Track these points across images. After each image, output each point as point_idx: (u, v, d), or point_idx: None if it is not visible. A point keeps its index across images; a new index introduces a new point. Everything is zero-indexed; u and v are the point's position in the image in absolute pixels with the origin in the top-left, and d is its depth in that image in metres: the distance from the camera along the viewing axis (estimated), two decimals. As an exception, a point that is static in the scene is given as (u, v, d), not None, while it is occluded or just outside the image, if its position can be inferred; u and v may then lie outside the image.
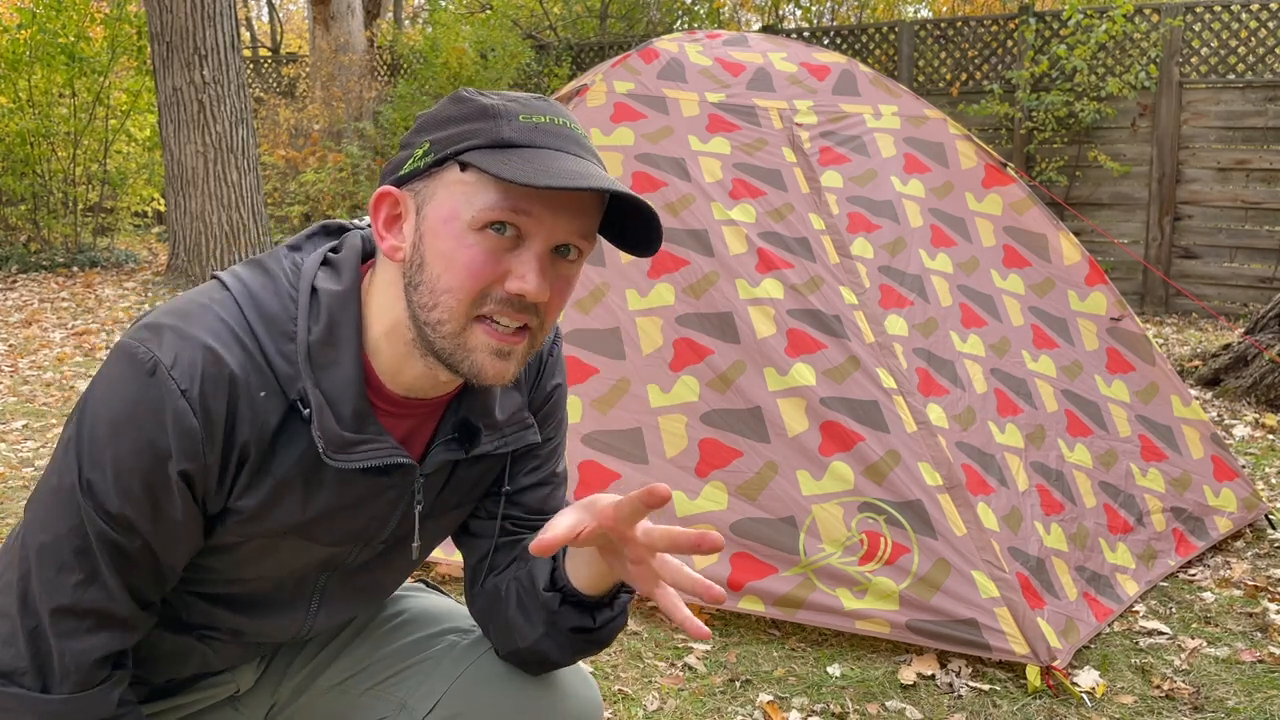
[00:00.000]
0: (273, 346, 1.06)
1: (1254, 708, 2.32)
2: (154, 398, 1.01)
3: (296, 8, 22.66)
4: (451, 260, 1.03)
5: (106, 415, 1.03)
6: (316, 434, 1.07)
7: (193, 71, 7.47)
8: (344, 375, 1.08)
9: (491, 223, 1.02)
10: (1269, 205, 6.82)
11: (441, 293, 1.04)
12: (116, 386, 1.03)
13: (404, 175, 1.07)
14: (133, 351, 1.03)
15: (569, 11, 11.38)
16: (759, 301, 2.82)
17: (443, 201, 1.04)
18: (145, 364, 1.02)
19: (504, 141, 1.02)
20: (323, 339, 1.07)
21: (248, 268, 1.11)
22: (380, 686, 1.36)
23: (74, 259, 8.98)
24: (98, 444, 1.03)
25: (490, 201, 1.01)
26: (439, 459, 1.17)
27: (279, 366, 1.06)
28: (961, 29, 7.98)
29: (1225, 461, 3.27)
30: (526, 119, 1.04)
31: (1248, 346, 4.86)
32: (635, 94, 3.15)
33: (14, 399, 4.93)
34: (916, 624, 2.46)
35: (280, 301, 1.08)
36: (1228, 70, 6.96)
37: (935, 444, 2.63)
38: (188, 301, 1.07)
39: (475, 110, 1.05)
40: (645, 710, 2.32)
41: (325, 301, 1.08)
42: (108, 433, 1.02)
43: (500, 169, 0.99)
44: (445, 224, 1.03)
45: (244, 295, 1.07)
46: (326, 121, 10.70)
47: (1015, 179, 3.47)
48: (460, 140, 1.03)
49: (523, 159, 1.00)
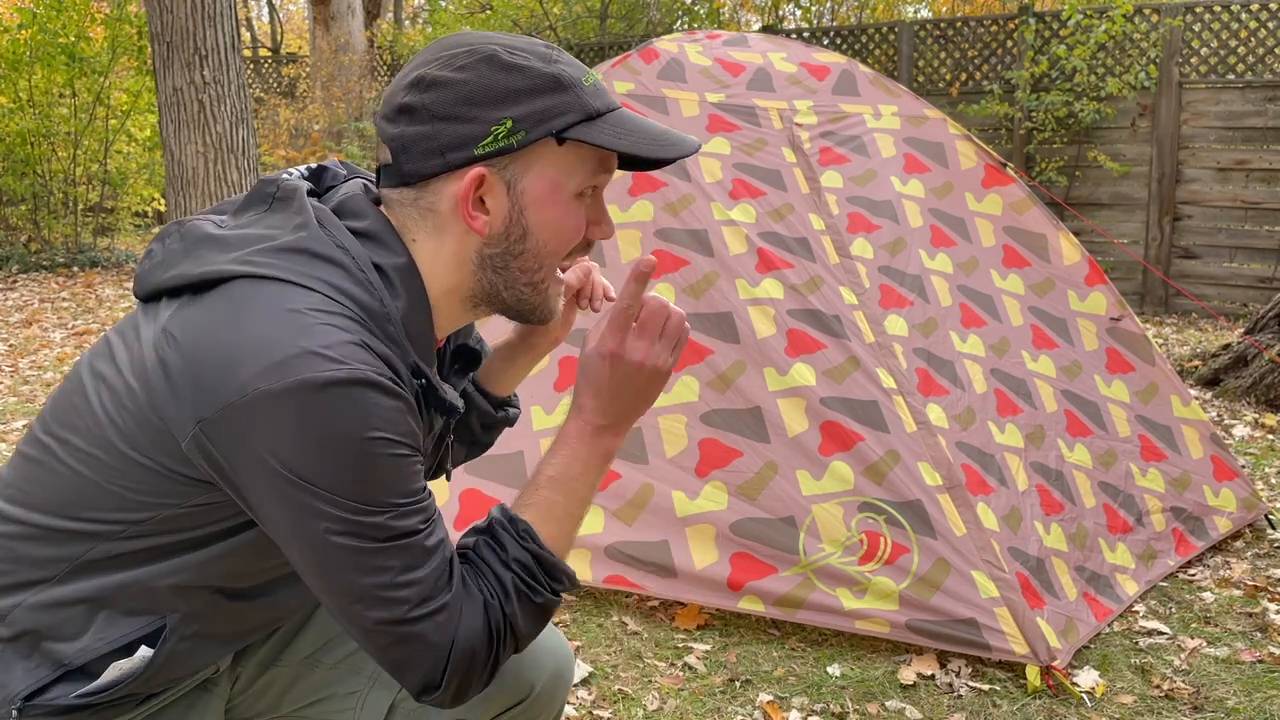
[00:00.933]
0: (380, 331, 1.07)
1: (1254, 708, 2.32)
2: (375, 403, 1.00)
3: (296, 8, 22.66)
4: (561, 227, 1.13)
5: (340, 447, 0.99)
6: (445, 396, 1.14)
7: (193, 71, 7.47)
8: (428, 341, 1.14)
9: (593, 188, 1.14)
10: (1269, 205, 6.82)
11: (547, 256, 1.14)
12: (329, 425, 0.98)
13: (488, 153, 1.08)
14: (309, 384, 0.97)
15: (569, 11, 11.38)
16: (759, 301, 2.82)
17: (542, 174, 1.10)
18: (336, 383, 0.97)
19: (594, 112, 1.10)
20: (407, 313, 1.10)
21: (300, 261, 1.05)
22: (351, 659, 1.38)
23: (74, 259, 8.98)
24: (345, 476, 0.99)
25: (592, 168, 1.12)
26: (457, 386, 1.30)
27: (390, 349, 1.07)
28: (961, 29, 7.98)
29: (1225, 461, 3.27)
30: (590, 83, 1.12)
31: (1247, 346, 4.86)
32: (635, 94, 3.15)
33: (14, 399, 4.93)
34: (916, 624, 2.46)
35: (364, 289, 1.07)
36: (1227, 70, 6.96)
37: (935, 444, 2.63)
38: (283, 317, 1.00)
39: (546, 82, 1.09)
40: (645, 710, 2.32)
41: (396, 279, 1.10)
42: (355, 458, 0.99)
43: (615, 142, 1.09)
44: (551, 195, 1.11)
45: (335, 292, 1.04)
46: (326, 121, 10.70)
47: (1015, 179, 3.47)
48: (554, 116, 1.08)
49: (615, 127, 1.11)
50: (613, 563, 2.67)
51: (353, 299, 1.05)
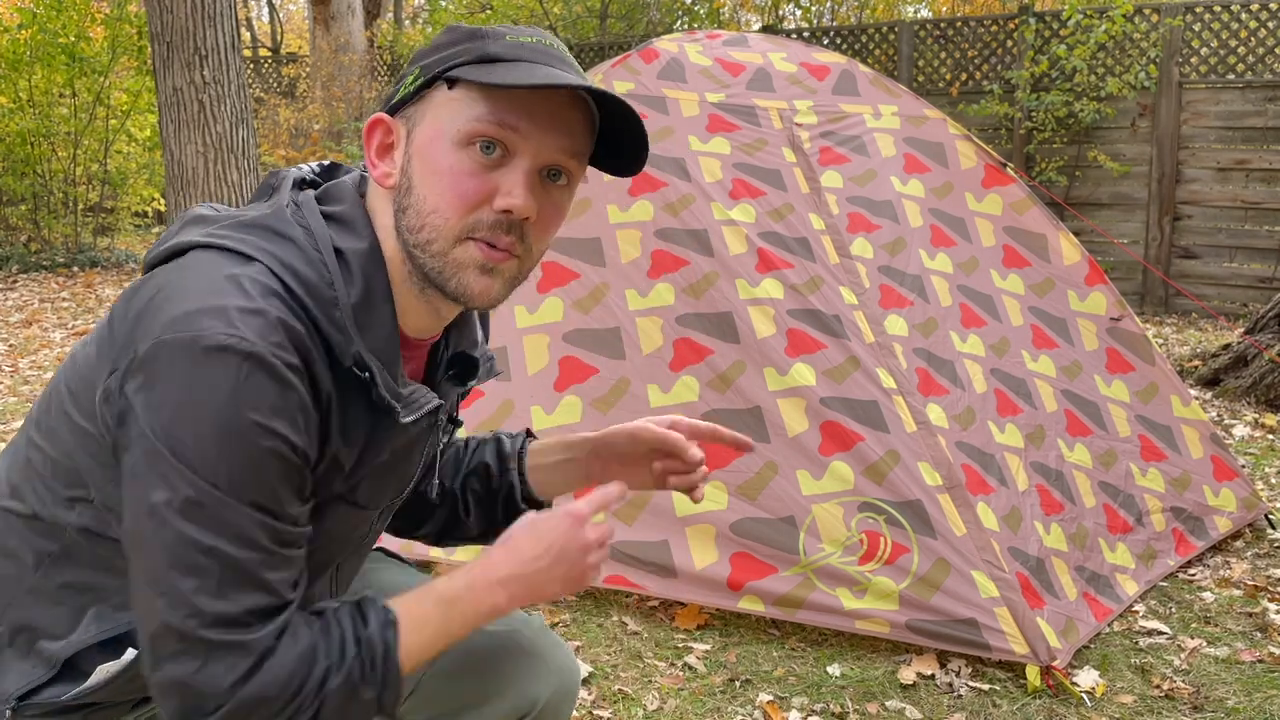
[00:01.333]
0: (321, 314, 1.02)
1: (1254, 708, 2.32)
2: (251, 379, 0.94)
3: (296, 8, 22.66)
4: (438, 178, 1.02)
5: (208, 415, 0.93)
6: (385, 395, 1.05)
7: (193, 72, 7.47)
8: (385, 332, 1.06)
9: (477, 138, 1.02)
10: (1269, 205, 6.82)
11: (429, 213, 1.03)
12: (200, 380, 0.93)
13: (396, 103, 1.07)
14: (202, 342, 0.93)
15: (569, 11, 11.38)
16: (759, 301, 2.82)
17: (431, 121, 1.04)
18: (226, 349, 0.93)
19: (490, 56, 1.02)
20: (361, 301, 1.05)
21: (257, 235, 1.04)
22: None
23: (74, 259, 8.99)
24: (207, 449, 0.94)
25: (477, 113, 1.02)
26: (449, 395, 1.21)
27: (331, 335, 1.02)
28: (961, 29, 7.98)
29: (1225, 461, 3.27)
30: (514, 39, 1.04)
31: (1247, 346, 4.86)
32: (635, 94, 3.15)
33: (14, 399, 4.93)
34: (916, 624, 2.46)
35: (315, 270, 1.03)
36: (1227, 70, 6.96)
37: (935, 444, 2.63)
38: (215, 279, 0.98)
39: (464, 34, 1.06)
40: (645, 710, 2.32)
41: (355, 263, 1.05)
42: (217, 439, 0.94)
43: (485, 77, 0.99)
44: (432, 143, 1.03)
45: (279, 266, 1.01)
46: (327, 121, 10.70)
47: (1015, 179, 3.47)
48: (448, 60, 1.04)
49: (508, 69, 1.01)
50: (613, 562, 2.67)
51: (298, 277, 1.01)
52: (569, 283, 2.95)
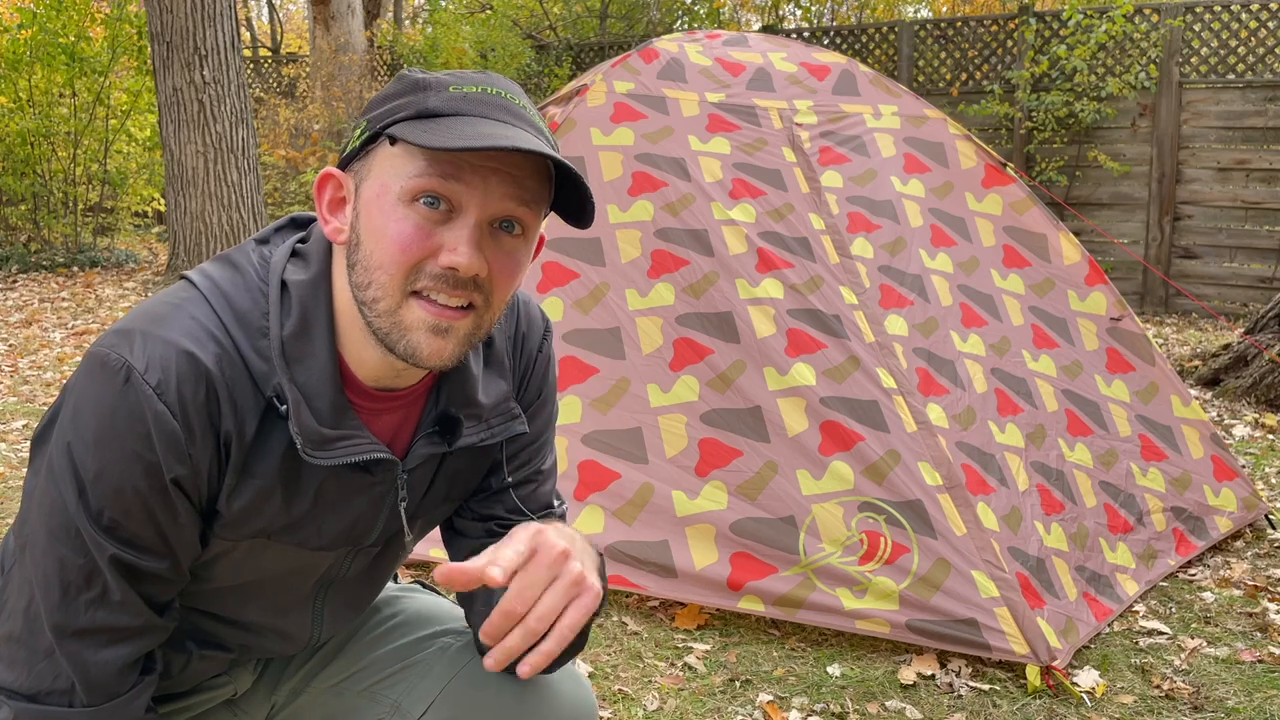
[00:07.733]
0: (247, 343, 1.03)
1: (1254, 708, 2.32)
2: (132, 405, 0.99)
3: (296, 8, 22.66)
4: (382, 235, 1.01)
5: (88, 431, 1.00)
6: (295, 431, 1.04)
7: (193, 71, 7.47)
8: (319, 368, 1.06)
9: (421, 193, 1.00)
10: (1269, 205, 6.82)
11: (374, 269, 1.02)
12: (92, 399, 1.00)
13: (346, 157, 1.07)
14: (104, 360, 1.00)
15: (569, 11, 11.38)
16: (759, 301, 2.82)
17: (375, 178, 1.03)
18: (118, 371, 0.99)
19: (428, 111, 1.01)
20: (295, 332, 1.05)
21: (216, 264, 1.09)
22: (374, 688, 1.36)
23: (74, 259, 8.98)
24: (84, 463, 1.00)
25: (416, 170, 1.00)
26: (421, 453, 1.16)
27: (254, 364, 1.04)
28: (961, 29, 7.98)
29: (1225, 461, 3.27)
30: (456, 89, 1.02)
31: (1247, 346, 4.86)
32: (635, 94, 3.15)
33: (14, 399, 4.93)
34: (916, 624, 2.46)
35: (251, 296, 1.05)
36: (1227, 70, 6.96)
37: (935, 444, 2.63)
38: (157, 304, 1.05)
39: (408, 85, 1.04)
40: (645, 710, 2.32)
41: (296, 293, 1.06)
42: (92, 450, 1.00)
43: (419, 136, 0.97)
44: (376, 199, 1.02)
45: (213, 293, 1.05)
46: (327, 121, 10.69)
47: (1015, 179, 3.47)
48: (389, 115, 1.02)
49: (444, 126, 0.98)
50: (613, 563, 2.67)
51: (231, 306, 1.05)
52: (569, 283, 2.95)
